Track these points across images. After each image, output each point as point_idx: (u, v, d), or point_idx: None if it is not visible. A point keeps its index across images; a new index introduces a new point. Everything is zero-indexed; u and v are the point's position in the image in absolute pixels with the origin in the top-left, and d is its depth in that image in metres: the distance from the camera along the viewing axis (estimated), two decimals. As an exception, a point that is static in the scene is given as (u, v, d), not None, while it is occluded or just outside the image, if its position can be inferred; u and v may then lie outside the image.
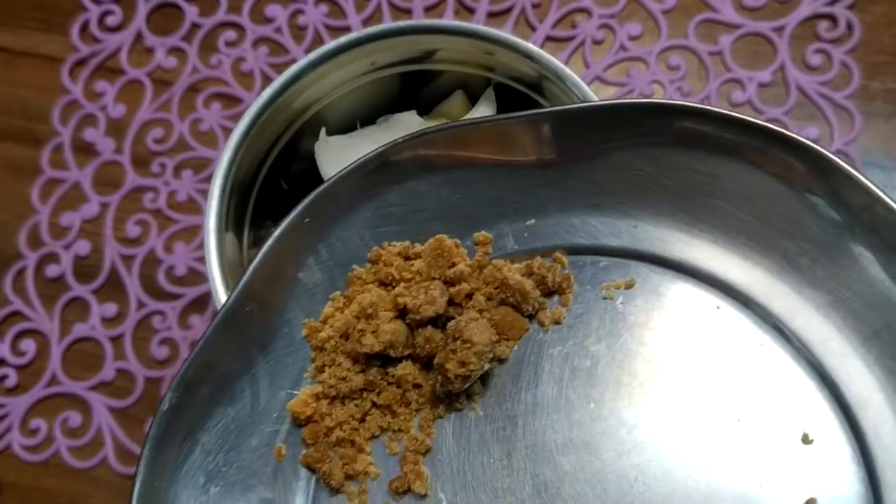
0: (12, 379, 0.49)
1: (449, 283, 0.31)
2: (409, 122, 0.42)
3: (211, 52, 0.54)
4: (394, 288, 0.31)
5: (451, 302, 0.31)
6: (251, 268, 0.30)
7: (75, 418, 0.48)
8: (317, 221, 0.31)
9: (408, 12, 0.54)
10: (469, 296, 0.31)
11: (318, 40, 0.54)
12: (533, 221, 0.33)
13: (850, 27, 0.52)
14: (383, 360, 0.31)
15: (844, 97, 0.51)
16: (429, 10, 0.54)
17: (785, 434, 0.29)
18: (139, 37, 0.55)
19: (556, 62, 0.38)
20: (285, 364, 0.31)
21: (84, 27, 0.55)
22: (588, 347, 0.31)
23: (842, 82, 0.51)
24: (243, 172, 0.40)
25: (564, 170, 0.32)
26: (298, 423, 0.31)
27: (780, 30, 0.52)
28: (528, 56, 0.39)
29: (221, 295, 0.36)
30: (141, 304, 0.50)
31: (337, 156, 0.41)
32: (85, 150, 0.53)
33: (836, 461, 0.29)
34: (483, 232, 0.33)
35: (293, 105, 0.40)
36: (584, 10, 0.54)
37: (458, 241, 0.32)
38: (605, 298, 0.32)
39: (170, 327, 0.49)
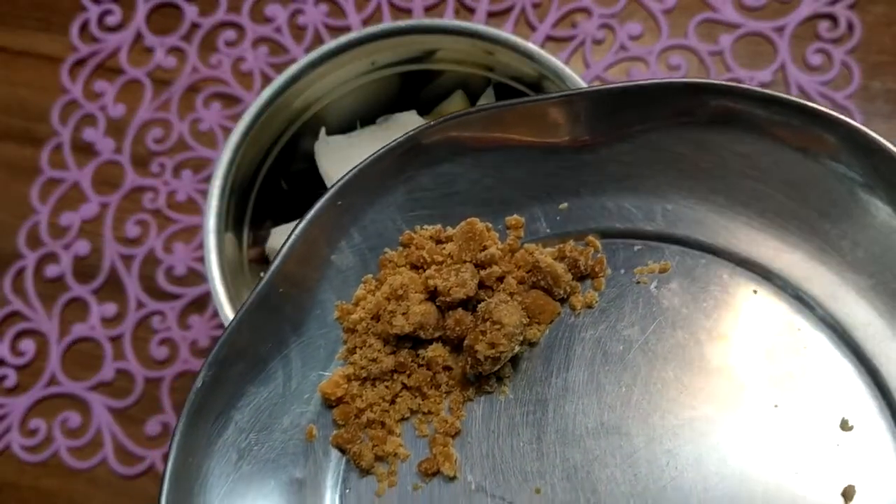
0: (12, 379, 0.49)
1: (480, 266, 0.31)
2: (409, 122, 0.42)
3: (211, 52, 0.54)
4: (425, 271, 0.31)
5: (482, 285, 0.31)
6: (284, 249, 0.30)
7: (75, 418, 0.48)
8: (349, 204, 0.31)
9: (408, 12, 0.54)
10: (500, 279, 0.31)
11: (318, 40, 0.54)
12: (566, 205, 0.33)
13: (850, 27, 0.52)
14: (414, 342, 0.31)
15: (845, 97, 0.51)
16: (429, 10, 0.54)
17: (823, 420, 0.29)
18: (139, 36, 0.55)
19: (556, 62, 0.38)
20: (318, 345, 0.31)
21: (83, 27, 0.55)
22: (620, 332, 0.31)
23: (842, 82, 0.51)
24: (243, 172, 0.40)
25: (598, 152, 0.32)
26: (329, 404, 0.31)
27: (780, 29, 0.52)
28: (528, 56, 0.39)
29: (221, 295, 0.36)
30: (140, 305, 0.50)
31: (337, 156, 0.41)
32: (84, 150, 0.53)
33: (876, 448, 0.28)
34: (515, 215, 0.32)
35: (293, 105, 0.40)
36: (584, 10, 0.53)
37: (490, 225, 0.32)
38: (638, 282, 0.32)
39: (169, 327, 0.49)
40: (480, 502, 0.29)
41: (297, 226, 0.30)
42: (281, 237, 0.41)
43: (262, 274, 0.30)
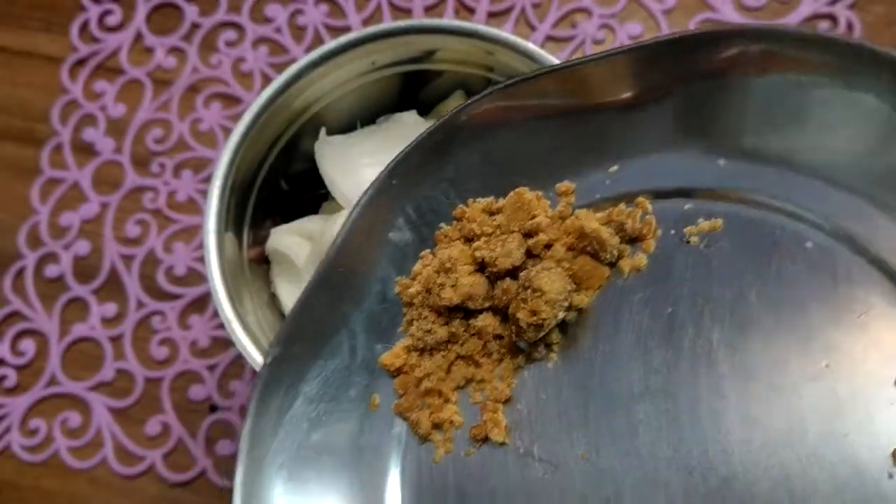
0: (12, 379, 0.49)
1: (529, 235, 0.31)
2: (409, 122, 0.42)
3: (211, 52, 0.54)
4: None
5: (530, 254, 0.31)
6: (343, 231, 0.31)
7: (75, 418, 0.48)
8: (403, 183, 0.32)
9: (408, 12, 0.54)
10: (548, 247, 0.31)
11: (318, 40, 0.54)
12: (616, 167, 0.32)
13: (850, 27, 0.52)
14: (466, 312, 0.31)
15: (845, 97, 0.51)
16: (429, 10, 0.54)
17: (876, 379, 0.28)
18: (139, 36, 0.55)
19: (557, 62, 0.38)
20: (380, 319, 0.32)
21: (84, 27, 0.55)
22: (669, 294, 0.30)
23: (842, 82, 0.51)
24: (243, 172, 0.40)
25: (646, 109, 0.31)
26: (390, 374, 0.32)
27: (780, 30, 0.52)
28: (528, 56, 0.39)
29: (221, 295, 0.36)
30: (140, 304, 0.50)
31: (337, 156, 0.41)
32: (84, 150, 0.53)
33: None
34: (566, 182, 0.32)
35: (293, 105, 0.40)
36: (584, 10, 0.53)
37: (541, 193, 0.32)
38: (688, 242, 0.31)
39: (169, 327, 0.49)
40: (528, 466, 0.30)
41: (353, 208, 0.31)
42: (281, 237, 0.41)
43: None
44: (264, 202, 0.42)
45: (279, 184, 0.43)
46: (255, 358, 0.35)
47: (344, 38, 0.39)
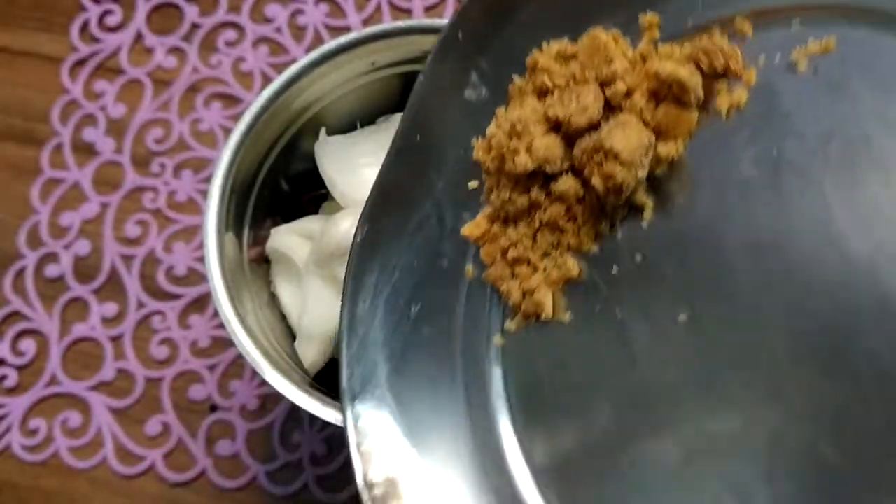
0: (12, 379, 0.49)
1: (607, 83, 0.28)
2: (409, 122, 0.42)
3: (211, 52, 0.54)
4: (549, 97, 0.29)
5: (610, 105, 0.28)
6: (412, 97, 0.30)
7: (75, 418, 0.48)
8: (472, 34, 0.30)
9: (408, 12, 0.54)
10: (629, 95, 0.28)
11: (318, 40, 0.54)
12: None
13: (850, 27, 0.52)
14: (546, 176, 0.29)
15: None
16: (429, 10, 0.54)
17: None
18: (139, 37, 0.55)
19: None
20: (465, 187, 0.31)
21: (84, 27, 0.55)
22: (774, 132, 0.26)
23: (842, 82, 0.51)
24: (243, 172, 0.40)
25: None
26: (476, 244, 0.31)
27: (780, 30, 0.52)
28: (529, 56, 0.38)
29: (221, 295, 0.36)
30: (141, 304, 0.50)
31: (337, 156, 0.41)
32: (85, 150, 0.53)
33: None
34: (649, 14, 0.28)
35: (293, 105, 0.40)
36: (585, 10, 0.54)
37: (618, 33, 0.28)
38: (796, 70, 0.27)
39: (169, 327, 0.49)
40: (625, 334, 0.28)
41: (420, 74, 0.30)
42: (281, 237, 0.41)
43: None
44: (264, 202, 0.42)
45: (279, 184, 0.43)
46: (255, 358, 0.35)
47: (344, 38, 0.39)
